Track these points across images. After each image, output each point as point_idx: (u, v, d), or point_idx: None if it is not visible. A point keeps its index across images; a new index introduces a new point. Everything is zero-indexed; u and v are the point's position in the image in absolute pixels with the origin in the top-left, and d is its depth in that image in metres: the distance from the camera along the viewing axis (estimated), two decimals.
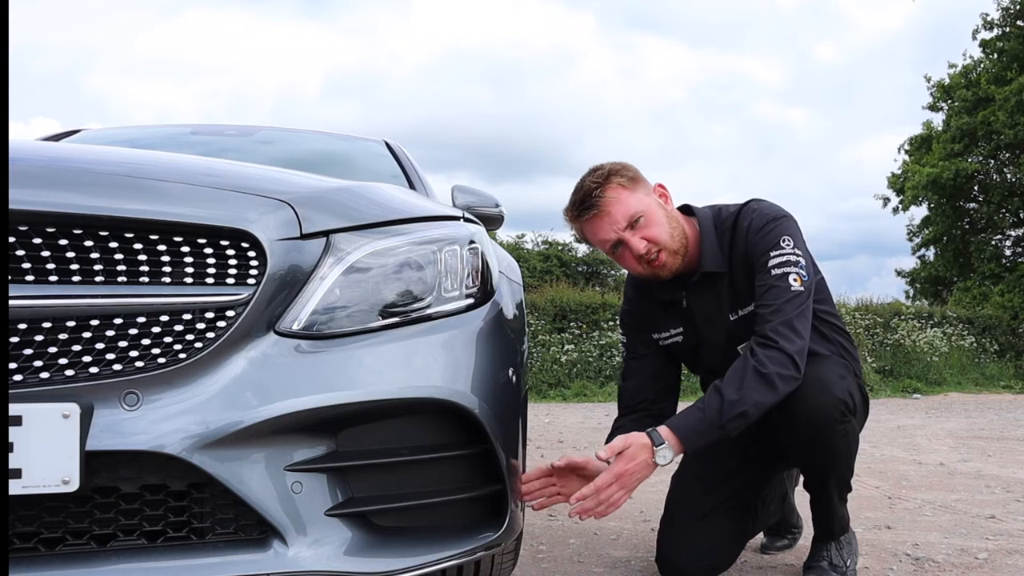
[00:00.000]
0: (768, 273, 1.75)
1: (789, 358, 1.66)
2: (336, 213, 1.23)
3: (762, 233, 1.78)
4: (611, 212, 1.76)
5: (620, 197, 1.76)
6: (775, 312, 1.70)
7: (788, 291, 1.72)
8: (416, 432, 1.22)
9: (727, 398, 1.63)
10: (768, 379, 1.64)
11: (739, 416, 1.63)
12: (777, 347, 1.67)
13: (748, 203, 1.86)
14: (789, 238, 1.78)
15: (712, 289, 1.85)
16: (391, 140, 2.92)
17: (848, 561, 1.89)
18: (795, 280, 1.73)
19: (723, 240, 1.84)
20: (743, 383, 1.64)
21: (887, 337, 11.36)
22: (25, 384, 1.00)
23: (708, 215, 1.88)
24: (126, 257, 1.06)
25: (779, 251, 1.76)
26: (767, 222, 1.79)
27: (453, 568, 1.28)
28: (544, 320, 10.35)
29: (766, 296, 1.73)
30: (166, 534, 1.08)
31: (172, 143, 2.66)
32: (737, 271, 1.83)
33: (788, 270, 1.74)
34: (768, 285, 1.74)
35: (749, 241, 1.79)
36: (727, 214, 1.87)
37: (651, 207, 1.79)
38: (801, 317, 1.71)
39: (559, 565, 2.13)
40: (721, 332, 1.87)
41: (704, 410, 1.65)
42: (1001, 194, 18.25)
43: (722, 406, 1.63)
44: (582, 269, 20.64)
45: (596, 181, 1.77)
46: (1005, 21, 17.41)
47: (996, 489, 3.28)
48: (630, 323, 2.03)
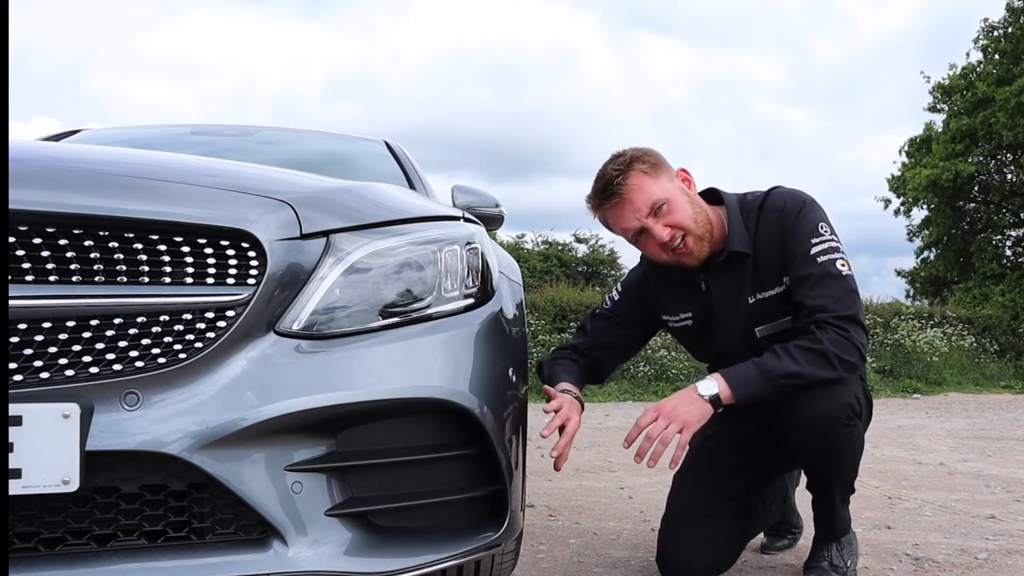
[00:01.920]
0: (813, 261, 1.73)
1: (857, 349, 1.68)
2: (336, 213, 1.23)
3: (799, 216, 1.78)
4: (633, 200, 1.75)
5: (642, 184, 1.75)
6: (836, 302, 1.69)
7: (840, 278, 1.72)
8: (416, 432, 1.22)
9: (784, 359, 1.64)
10: (826, 357, 1.64)
11: (793, 375, 1.64)
12: (846, 336, 1.67)
13: (774, 188, 1.87)
14: (826, 224, 1.78)
15: (735, 271, 1.84)
16: (391, 140, 2.93)
17: (848, 561, 1.89)
18: (842, 265, 1.74)
19: (749, 222, 1.84)
20: (805, 356, 1.64)
21: (887, 337, 11.36)
22: (25, 384, 1.00)
23: (734, 198, 1.88)
24: (126, 257, 1.06)
25: (819, 238, 1.75)
26: (801, 206, 1.79)
27: (453, 568, 1.28)
28: (544, 320, 10.35)
29: (819, 285, 1.71)
30: (166, 534, 1.08)
31: (172, 143, 2.66)
32: (762, 255, 1.82)
33: (833, 256, 1.74)
34: (819, 274, 1.72)
35: (784, 223, 1.78)
36: (752, 198, 1.87)
37: (674, 193, 1.78)
38: (861, 311, 1.73)
39: (559, 565, 2.13)
40: (739, 315, 1.86)
41: (759, 364, 1.66)
42: (1001, 194, 18.25)
43: (780, 364, 1.64)
44: (582, 269, 20.62)
45: (618, 168, 1.76)
46: (1008, 22, 17.41)
47: (996, 489, 3.28)
48: (635, 295, 2.02)
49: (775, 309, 1.82)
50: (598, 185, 1.80)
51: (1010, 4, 17.40)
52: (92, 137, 2.77)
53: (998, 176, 18.42)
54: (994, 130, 16.86)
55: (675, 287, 1.93)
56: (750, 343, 1.84)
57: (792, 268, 1.76)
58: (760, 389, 1.65)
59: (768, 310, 1.82)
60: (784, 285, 1.80)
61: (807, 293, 1.72)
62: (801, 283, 1.74)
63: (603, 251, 20.65)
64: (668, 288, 1.95)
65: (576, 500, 3.05)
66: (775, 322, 1.83)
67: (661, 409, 1.64)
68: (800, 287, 1.74)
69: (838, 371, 1.66)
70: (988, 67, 17.83)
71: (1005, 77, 16.96)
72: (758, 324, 1.84)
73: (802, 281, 1.74)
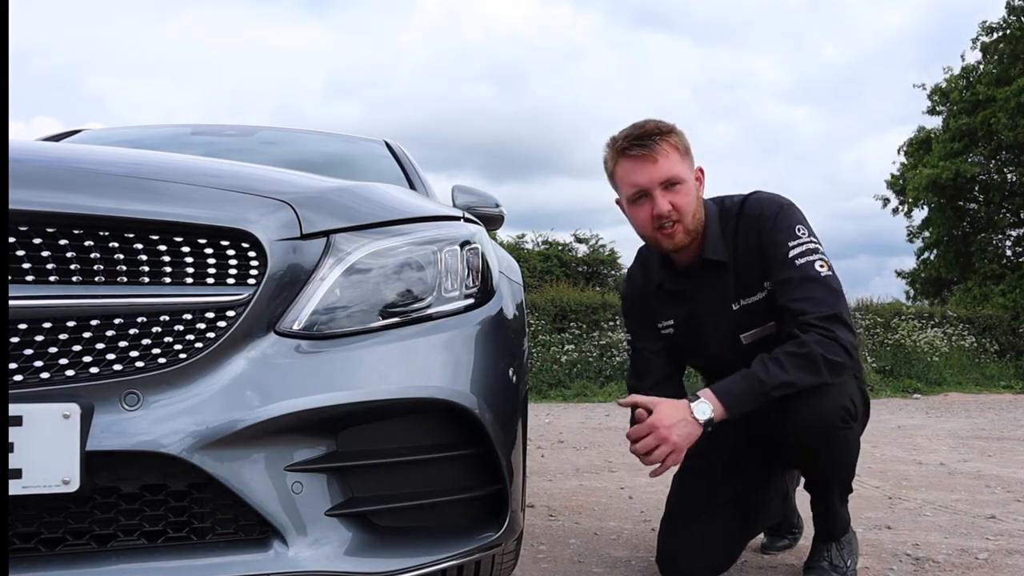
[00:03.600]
0: (792, 264, 1.74)
1: (843, 348, 1.67)
2: (336, 213, 1.23)
3: (776, 220, 1.78)
4: (658, 161, 1.74)
5: (672, 155, 1.76)
6: (818, 304, 1.69)
7: (820, 279, 1.72)
8: (416, 432, 1.22)
9: (772, 370, 1.63)
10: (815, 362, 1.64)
11: (784, 385, 1.63)
12: (831, 336, 1.66)
13: (752, 193, 1.87)
14: (803, 226, 1.78)
15: (715, 278, 1.85)
16: (391, 140, 2.93)
17: (848, 561, 1.89)
18: (821, 266, 1.73)
19: (727, 229, 1.84)
20: (793, 362, 1.64)
21: (887, 337, 11.36)
22: (25, 384, 1.00)
23: (712, 206, 1.88)
24: (126, 257, 1.06)
25: (797, 240, 1.75)
26: (778, 210, 1.80)
27: (453, 568, 1.28)
28: (544, 320, 10.35)
29: (800, 288, 1.71)
30: (166, 534, 1.08)
31: (173, 143, 2.66)
32: (741, 261, 1.82)
33: (812, 258, 1.74)
34: (799, 278, 1.72)
35: (763, 229, 1.79)
36: (730, 204, 1.87)
37: (692, 182, 1.79)
38: (846, 309, 1.72)
39: (559, 565, 2.13)
40: (724, 322, 1.86)
41: (749, 379, 1.65)
42: (1001, 194, 18.25)
43: (769, 376, 1.63)
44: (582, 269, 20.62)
45: (660, 128, 1.77)
46: (1008, 23, 17.41)
47: (996, 489, 3.27)
48: (634, 312, 2.02)
49: (760, 315, 1.82)
50: (633, 132, 1.78)
51: (1010, 3, 17.40)
52: (92, 137, 2.77)
53: (998, 176, 18.42)
54: (994, 130, 16.85)
55: (664, 293, 1.93)
56: (736, 349, 1.84)
57: (772, 272, 1.77)
58: (754, 404, 1.65)
59: (753, 316, 1.82)
60: (767, 290, 1.80)
61: (789, 296, 1.73)
62: (782, 287, 1.74)
63: (603, 251, 20.66)
64: (657, 294, 1.95)
65: (576, 500, 3.05)
66: (760, 327, 1.83)
67: (656, 426, 1.63)
68: (782, 291, 1.74)
69: (826, 373, 1.65)
70: (988, 67, 17.83)
71: (1004, 77, 16.96)
72: (743, 330, 1.84)
73: (783, 285, 1.74)
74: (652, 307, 1.97)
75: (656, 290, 1.94)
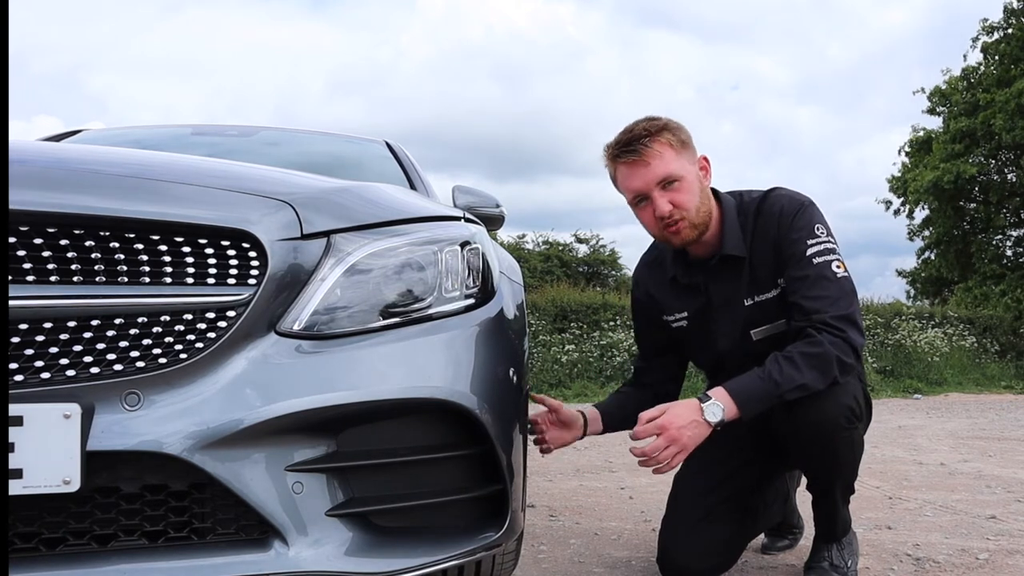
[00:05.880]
0: (810, 262, 1.73)
1: (853, 349, 1.67)
2: (337, 214, 1.23)
3: (796, 218, 1.77)
4: (650, 164, 1.74)
5: (664, 154, 1.75)
6: (832, 303, 1.69)
7: (836, 279, 1.71)
8: (417, 432, 1.22)
9: (787, 371, 1.63)
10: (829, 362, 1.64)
11: (799, 388, 1.63)
12: (844, 336, 1.66)
13: (773, 190, 1.86)
14: (822, 226, 1.78)
15: (731, 273, 1.85)
16: (392, 140, 2.93)
17: (849, 562, 1.89)
18: (838, 267, 1.73)
19: (745, 225, 1.84)
20: (807, 362, 1.63)
21: (888, 337, 11.36)
22: (26, 384, 1.00)
23: (731, 200, 1.87)
24: (127, 257, 1.06)
25: (816, 239, 1.75)
26: (799, 208, 1.79)
27: (454, 568, 1.28)
28: (545, 320, 10.36)
29: (816, 286, 1.71)
30: (167, 534, 1.08)
31: (174, 143, 2.66)
32: (757, 257, 1.82)
33: (829, 258, 1.73)
34: (814, 276, 1.72)
35: (781, 225, 1.78)
36: (750, 199, 1.86)
37: (690, 175, 1.78)
38: (858, 311, 1.72)
39: (559, 565, 2.13)
40: (736, 317, 1.86)
41: (764, 379, 1.64)
42: (1001, 194, 18.24)
43: (784, 377, 1.62)
44: (583, 269, 20.64)
45: (648, 130, 1.76)
46: (1007, 23, 17.40)
47: (997, 489, 3.27)
48: (640, 309, 2.03)
49: (771, 311, 1.82)
50: (623, 137, 1.78)
51: (1008, 5, 17.39)
52: (93, 137, 2.78)
53: (998, 176, 18.42)
54: (994, 131, 16.85)
55: (678, 286, 1.93)
56: (745, 346, 1.84)
57: (788, 269, 1.76)
58: (767, 404, 1.64)
59: (764, 312, 1.82)
60: (779, 287, 1.80)
61: (803, 294, 1.72)
62: (797, 283, 1.74)
63: (604, 251, 20.67)
64: (669, 288, 1.95)
65: (577, 500, 3.05)
66: (770, 324, 1.83)
67: (666, 428, 1.62)
68: (796, 288, 1.74)
69: (838, 374, 1.65)
70: (988, 68, 17.82)
71: (1004, 78, 16.95)
72: (754, 327, 1.84)
73: (798, 281, 1.74)
74: (660, 301, 1.98)
75: (670, 282, 1.95)
